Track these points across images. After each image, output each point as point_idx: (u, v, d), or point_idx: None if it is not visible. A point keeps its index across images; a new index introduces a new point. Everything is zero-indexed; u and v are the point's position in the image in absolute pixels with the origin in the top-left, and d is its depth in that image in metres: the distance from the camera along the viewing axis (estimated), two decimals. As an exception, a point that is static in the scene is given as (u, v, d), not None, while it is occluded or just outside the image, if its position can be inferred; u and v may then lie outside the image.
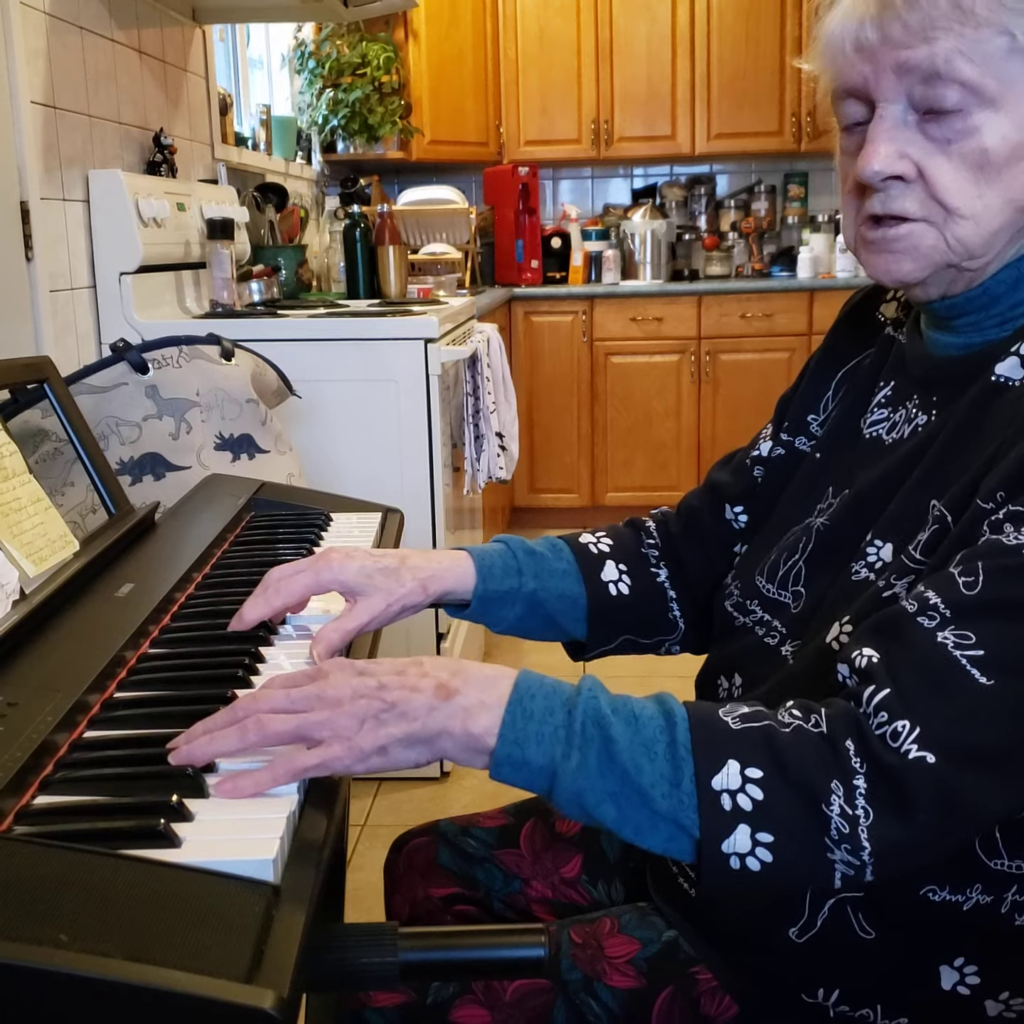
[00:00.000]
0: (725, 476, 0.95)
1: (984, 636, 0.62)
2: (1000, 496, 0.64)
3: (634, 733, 0.63)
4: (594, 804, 0.63)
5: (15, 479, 0.91)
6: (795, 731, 0.63)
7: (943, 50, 0.66)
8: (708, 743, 0.63)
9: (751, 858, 0.61)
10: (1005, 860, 0.69)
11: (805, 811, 0.61)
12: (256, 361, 1.71)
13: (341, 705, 0.62)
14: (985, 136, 0.68)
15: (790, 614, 0.80)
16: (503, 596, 0.88)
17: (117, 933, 0.47)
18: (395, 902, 0.98)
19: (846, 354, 0.88)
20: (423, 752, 0.63)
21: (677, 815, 0.62)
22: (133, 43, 2.25)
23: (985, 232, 0.70)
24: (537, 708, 0.64)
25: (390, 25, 3.94)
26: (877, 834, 0.60)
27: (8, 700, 0.67)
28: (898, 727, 0.61)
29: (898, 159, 0.70)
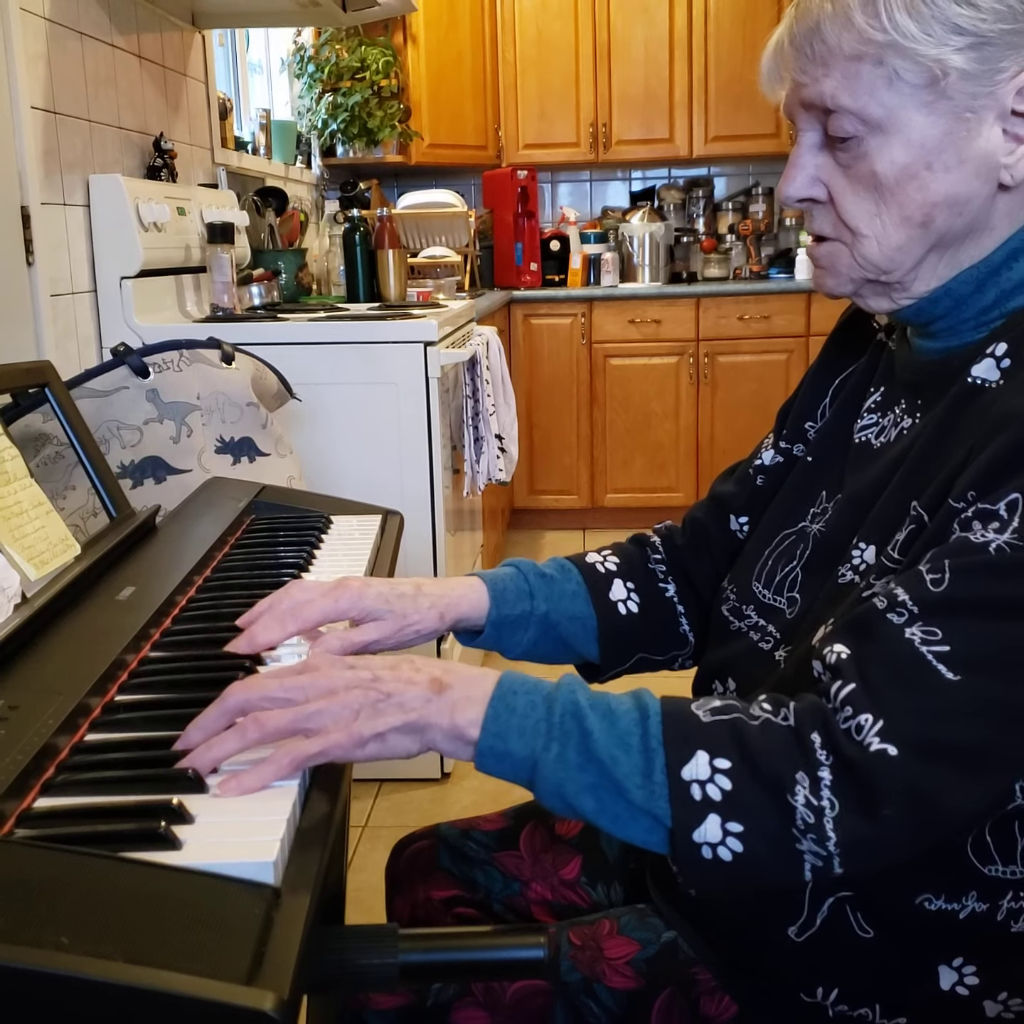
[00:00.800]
0: (728, 487, 0.96)
1: (950, 632, 0.62)
2: (971, 496, 0.65)
3: (610, 726, 0.65)
4: (573, 794, 0.64)
5: (16, 483, 0.91)
6: (763, 724, 0.64)
7: (829, 87, 0.71)
8: (678, 735, 0.64)
9: (722, 848, 0.62)
10: (999, 866, 0.69)
11: (771, 801, 0.62)
12: (256, 364, 1.72)
13: (336, 695, 0.64)
14: (875, 160, 0.71)
15: (785, 620, 0.81)
16: (516, 620, 0.88)
17: (118, 935, 0.47)
18: (396, 904, 0.99)
19: (843, 362, 0.89)
20: (415, 742, 0.65)
21: (650, 806, 0.63)
22: (133, 48, 2.25)
23: (888, 249, 0.73)
24: (519, 703, 0.66)
25: (389, 29, 3.94)
26: (843, 825, 0.61)
27: (9, 703, 0.68)
28: (861, 720, 0.62)
29: (810, 184, 0.75)
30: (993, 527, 0.63)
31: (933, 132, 0.70)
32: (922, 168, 0.71)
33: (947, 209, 0.71)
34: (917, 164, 0.71)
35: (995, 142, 0.70)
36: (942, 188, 0.71)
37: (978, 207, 0.72)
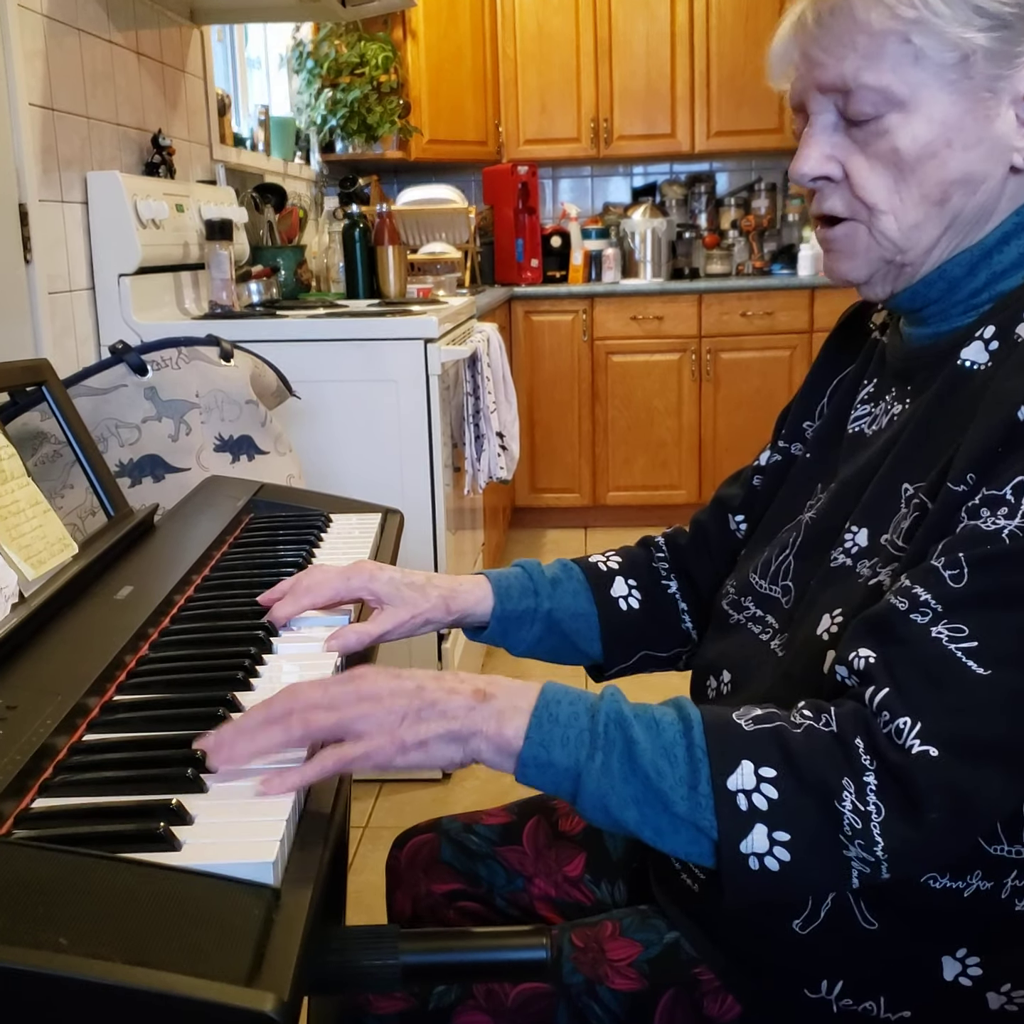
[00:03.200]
0: (730, 490, 0.98)
1: (976, 627, 0.63)
2: (971, 479, 0.66)
3: (655, 737, 0.65)
4: (617, 806, 0.64)
5: (14, 482, 0.91)
6: (806, 731, 0.64)
7: (851, 66, 0.71)
8: (722, 745, 0.64)
9: (769, 857, 0.62)
10: (1004, 846, 0.70)
11: (818, 808, 0.62)
12: (255, 362, 1.71)
13: (380, 701, 0.64)
14: (896, 137, 0.72)
15: (781, 609, 0.81)
16: (520, 616, 0.90)
17: (116, 936, 0.47)
18: (397, 898, 0.99)
19: (840, 363, 0.90)
20: (458, 751, 0.65)
21: (695, 817, 0.63)
22: (131, 44, 2.25)
23: (905, 226, 0.74)
24: (563, 713, 0.66)
25: (388, 24, 3.93)
26: (889, 830, 0.61)
27: (7, 703, 0.67)
28: (900, 724, 0.62)
29: (824, 161, 0.75)
30: (1002, 513, 0.64)
31: (954, 111, 0.71)
32: (942, 146, 0.71)
33: (963, 188, 0.73)
34: (938, 141, 0.71)
35: (1010, 125, 0.72)
36: (960, 166, 0.72)
37: (990, 189, 0.73)
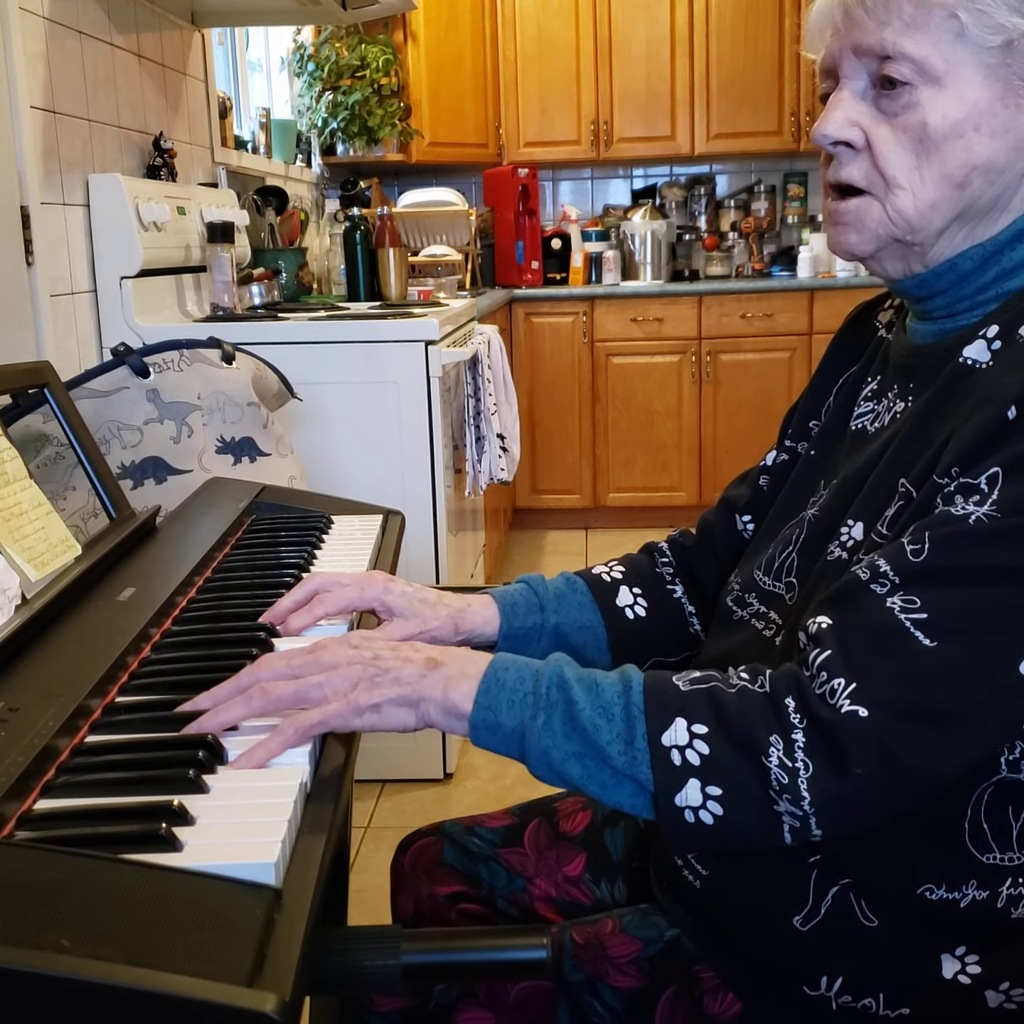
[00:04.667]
0: (737, 490, 0.98)
1: (928, 600, 0.64)
2: (955, 472, 0.67)
3: (594, 697, 0.68)
4: (560, 762, 0.67)
5: (16, 484, 0.91)
6: (740, 691, 0.67)
7: (893, 32, 0.71)
8: (658, 703, 0.67)
9: (703, 811, 0.65)
10: (997, 853, 0.70)
11: (747, 764, 0.64)
12: (257, 364, 1.71)
13: (337, 669, 0.70)
14: (926, 111, 0.71)
15: (785, 605, 0.82)
16: (528, 633, 0.91)
17: (118, 937, 0.47)
18: (400, 900, 0.99)
19: (846, 363, 0.90)
20: (410, 715, 0.69)
21: (633, 771, 0.66)
22: (132, 47, 2.25)
23: (921, 204, 0.73)
24: (509, 678, 0.70)
25: (389, 27, 3.94)
26: (816, 786, 0.63)
27: (10, 705, 0.67)
28: (835, 684, 0.64)
29: (848, 126, 0.74)
30: (973, 500, 0.65)
31: (987, 95, 0.71)
32: (970, 128, 0.71)
33: (984, 175, 0.72)
34: (967, 123, 0.71)
35: None
36: (985, 152, 0.71)
37: (1007, 181, 0.73)
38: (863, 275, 4.01)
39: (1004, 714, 0.65)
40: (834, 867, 0.74)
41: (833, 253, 0.80)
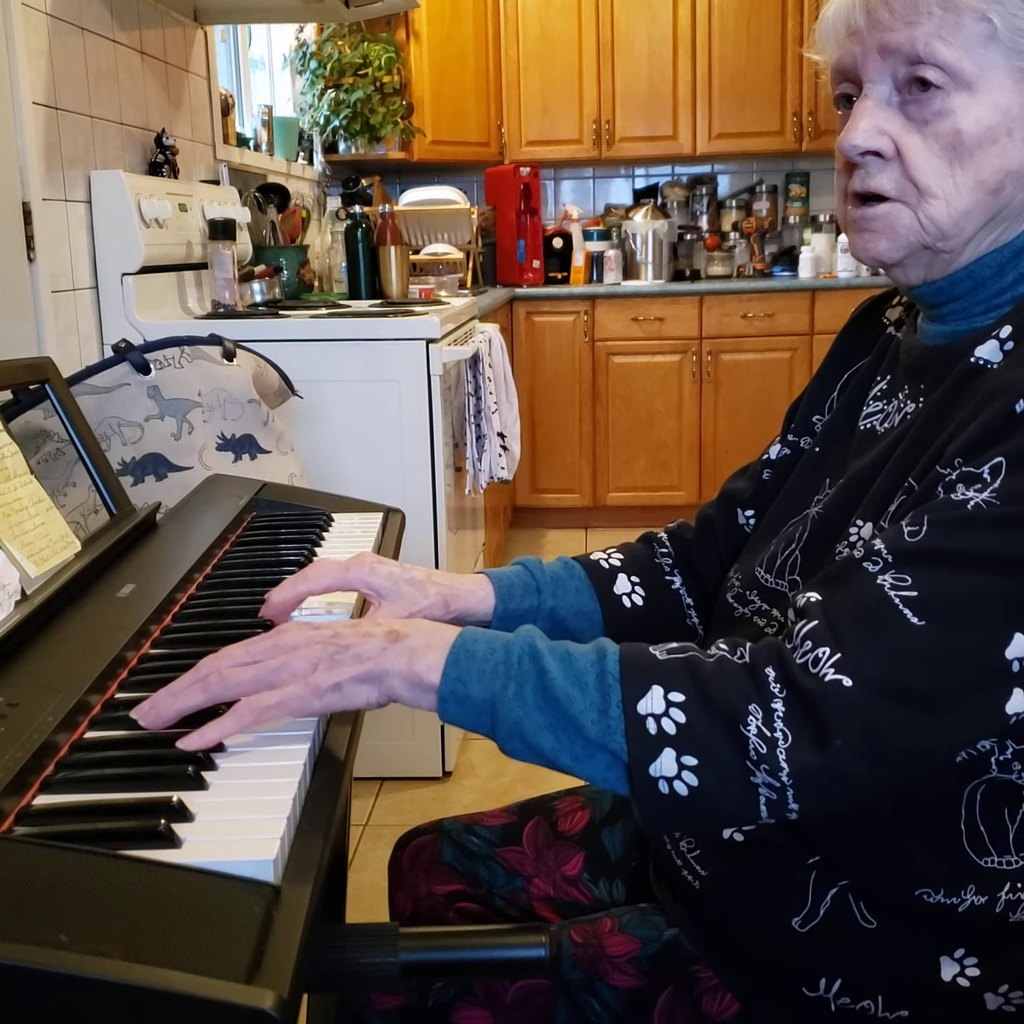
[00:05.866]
0: (738, 484, 0.97)
1: (920, 580, 0.64)
2: (958, 462, 0.67)
3: (567, 667, 0.67)
4: (532, 733, 0.65)
5: (16, 480, 0.91)
6: (718, 660, 0.66)
7: (923, 34, 0.69)
8: (634, 671, 0.66)
9: (678, 782, 0.63)
10: (994, 856, 0.70)
11: (724, 733, 0.63)
12: (258, 361, 1.71)
13: (296, 650, 0.67)
14: (960, 118, 0.70)
15: (788, 603, 0.81)
16: (523, 615, 0.89)
17: (117, 934, 0.47)
18: (398, 898, 0.99)
19: (852, 358, 0.90)
20: (373, 691, 0.67)
21: (607, 741, 0.64)
22: (135, 44, 2.25)
23: (955, 212, 0.72)
24: (479, 649, 0.68)
25: (391, 25, 3.94)
26: (795, 757, 0.62)
27: (9, 700, 0.67)
28: (819, 653, 0.63)
29: (877, 135, 0.72)
30: (975, 487, 0.65)
31: (1018, 99, 0.70)
32: (1003, 133, 0.70)
33: (1016, 180, 0.71)
34: (1000, 128, 0.70)
35: None
36: (1019, 157, 0.71)
37: None
38: (864, 275, 4.01)
39: (987, 700, 0.64)
40: (833, 868, 0.74)
41: (857, 260, 0.78)
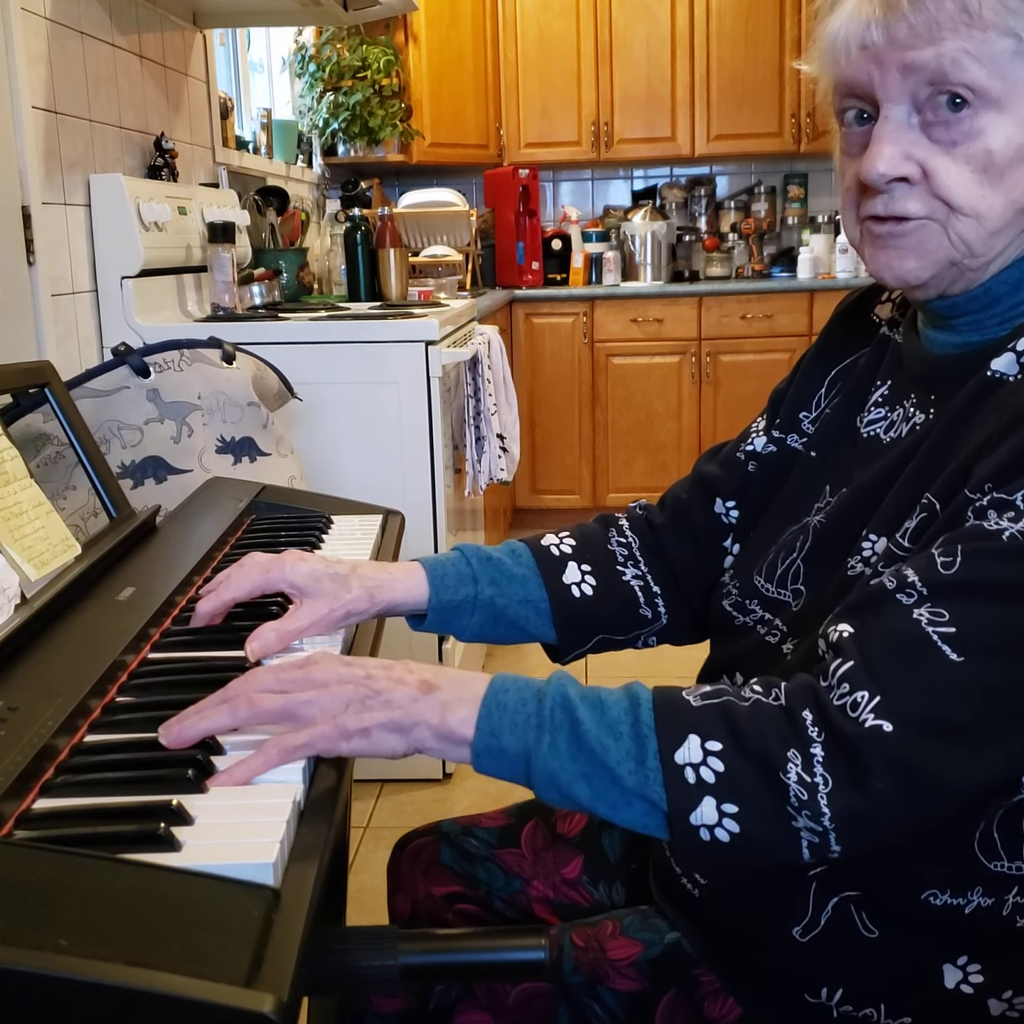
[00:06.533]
0: (715, 469, 0.95)
1: (958, 615, 0.63)
2: (988, 487, 0.65)
3: (600, 715, 0.66)
4: (567, 784, 0.65)
5: (16, 483, 0.91)
6: (753, 704, 0.65)
7: (949, 51, 0.67)
8: (669, 720, 0.65)
9: (719, 829, 0.63)
10: (1005, 862, 0.69)
11: (764, 780, 0.62)
12: (257, 364, 1.71)
13: (328, 687, 0.66)
14: (990, 138, 0.68)
15: (791, 612, 0.81)
16: (459, 605, 0.88)
17: (116, 937, 0.47)
18: (397, 900, 0.99)
19: (840, 352, 0.89)
20: (400, 741, 0.66)
21: (645, 791, 0.64)
22: (134, 47, 2.25)
23: (987, 232, 0.70)
24: (511, 700, 0.67)
25: (390, 28, 3.94)
26: (836, 801, 0.62)
27: (9, 704, 0.67)
28: (858, 697, 0.62)
29: (903, 161, 0.70)
30: (1008, 516, 0.63)
31: None
32: None
33: None
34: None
35: None
36: None
37: None
38: (863, 276, 4.01)
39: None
40: (834, 878, 0.73)
41: (879, 279, 0.75)
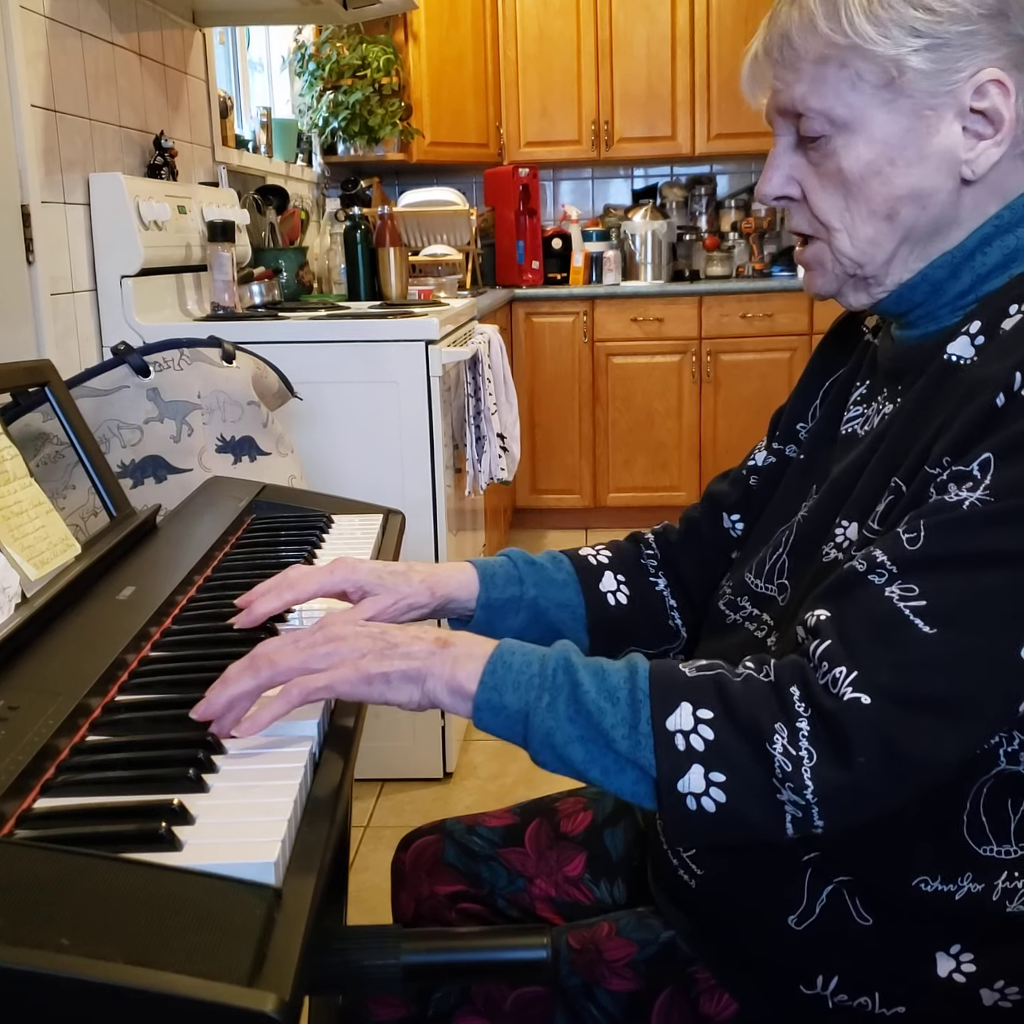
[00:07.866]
0: (723, 487, 0.98)
1: (926, 588, 0.64)
2: (946, 461, 0.68)
3: (600, 681, 0.68)
4: (563, 744, 0.67)
5: (16, 482, 0.91)
6: (745, 679, 0.67)
7: (799, 91, 0.75)
8: (664, 688, 0.68)
9: (706, 798, 0.65)
10: (993, 846, 0.70)
11: (751, 750, 0.64)
12: (257, 363, 1.71)
13: (346, 640, 0.70)
14: (842, 158, 0.75)
15: (777, 607, 0.82)
16: (505, 604, 0.90)
17: (118, 937, 0.47)
18: (401, 899, 0.99)
19: (833, 365, 0.91)
20: (416, 690, 0.69)
21: (636, 756, 0.66)
22: (133, 46, 2.25)
23: (859, 242, 0.76)
24: (516, 661, 0.70)
25: (390, 27, 3.94)
26: (820, 775, 0.63)
27: (10, 704, 0.67)
28: (836, 673, 0.64)
29: (786, 182, 0.79)
30: (967, 486, 0.65)
31: (894, 129, 0.74)
32: (885, 164, 0.74)
33: (911, 203, 0.75)
34: (880, 160, 0.74)
35: (955, 138, 0.73)
36: (905, 182, 0.74)
37: (942, 201, 0.74)
38: (863, 276, 4.01)
39: (1005, 700, 0.65)
40: (829, 865, 0.74)
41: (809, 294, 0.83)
